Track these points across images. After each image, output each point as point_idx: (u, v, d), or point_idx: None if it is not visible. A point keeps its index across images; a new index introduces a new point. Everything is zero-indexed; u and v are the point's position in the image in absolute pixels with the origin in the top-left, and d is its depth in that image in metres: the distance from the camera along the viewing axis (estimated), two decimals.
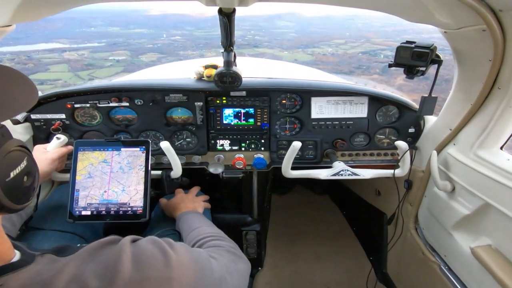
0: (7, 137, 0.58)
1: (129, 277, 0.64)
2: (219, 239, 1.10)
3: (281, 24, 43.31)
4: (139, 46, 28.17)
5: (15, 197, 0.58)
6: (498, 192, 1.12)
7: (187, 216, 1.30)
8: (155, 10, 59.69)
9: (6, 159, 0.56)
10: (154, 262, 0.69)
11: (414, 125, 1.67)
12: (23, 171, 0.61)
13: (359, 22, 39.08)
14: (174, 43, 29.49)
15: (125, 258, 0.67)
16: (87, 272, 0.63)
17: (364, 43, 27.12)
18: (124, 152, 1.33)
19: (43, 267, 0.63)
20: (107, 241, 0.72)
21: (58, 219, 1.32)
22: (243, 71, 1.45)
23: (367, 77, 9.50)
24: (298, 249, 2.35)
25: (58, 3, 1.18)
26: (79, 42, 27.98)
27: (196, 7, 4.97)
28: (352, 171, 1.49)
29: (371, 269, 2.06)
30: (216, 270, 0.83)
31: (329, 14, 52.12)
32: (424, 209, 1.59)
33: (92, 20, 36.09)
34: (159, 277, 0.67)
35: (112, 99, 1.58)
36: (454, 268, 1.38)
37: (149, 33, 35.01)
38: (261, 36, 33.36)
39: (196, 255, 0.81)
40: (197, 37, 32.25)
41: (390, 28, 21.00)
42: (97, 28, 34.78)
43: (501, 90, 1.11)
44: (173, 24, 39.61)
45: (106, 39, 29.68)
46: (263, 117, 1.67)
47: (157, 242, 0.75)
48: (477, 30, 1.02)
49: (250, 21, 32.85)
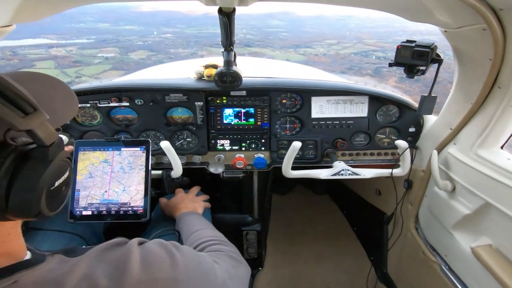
0: (61, 148, 0.61)
1: (138, 278, 0.65)
2: (220, 243, 1.10)
3: (273, 23, 42.88)
4: (129, 43, 27.41)
5: (51, 205, 0.60)
6: (498, 192, 1.12)
7: (188, 217, 1.30)
8: (146, 7, 59.01)
9: (56, 169, 0.59)
10: (161, 263, 0.70)
11: (415, 125, 1.67)
12: (65, 181, 0.64)
13: (351, 23, 38.66)
14: (164, 41, 28.83)
15: (134, 259, 0.68)
16: (98, 272, 0.64)
17: (356, 44, 26.87)
18: (124, 152, 1.33)
19: (54, 266, 0.64)
20: (115, 243, 0.73)
21: (58, 219, 1.31)
22: (243, 70, 1.45)
23: (358, 78, 9.43)
24: (298, 249, 2.35)
25: (58, 3, 1.18)
26: (67, 38, 27.10)
27: (188, 5, 4.86)
28: (352, 170, 1.49)
29: (371, 269, 2.06)
30: (219, 275, 0.84)
31: (321, 14, 51.64)
32: (425, 208, 1.59)
33: (82, 16, 35.25)
34: (166, 278, 0.68)
35: (112, 99, 1.58)
36: (455, 268, 1.38)
37: (140, 30, 34.33)
38: (253, 35, 32.77)
39: (201, 259, 0.82)
40: (188, 35, 31.72)
41: (382, 29, 20.71)
42: (87, 24, 34.08)
43: (502, 90, 1.10)
44: (164, 21, 38.96)
45: (95, 36, 28.93)
46: (263, 116, 1.67)
47: (164, 245, 0.76)
48: (477, 29, 1.02)
49: (242, 20, 32.41)
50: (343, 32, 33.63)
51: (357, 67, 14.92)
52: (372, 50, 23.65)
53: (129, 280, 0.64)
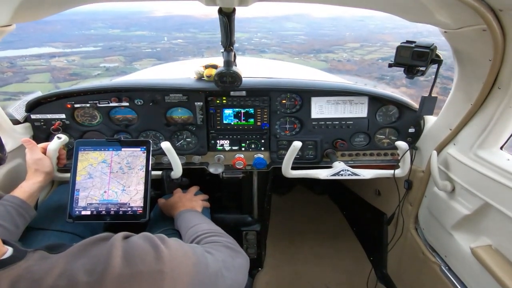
0: None
1: (119, 272, 0.64)
2: (217, 235, 1.10)
3: (289, 26, 41.68)
4: (136, 51, 26.15)
5: None
6: (498, 192, 1.12)
7: (185, 215, 1.30)
8: (160, 11, 58.23)
9: None
10: (145, 256, 0.69)
11: (414, 125, 1.67)
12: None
13: (371, 24, 37.15)
14: (174, 47, 27.54)
15: (116, 254, 0.67)
16: (77, 267, 0.64)
17: (382, 47, 24.84)
18: (123, 152, 1.33)
19: (33, 263, 0.64)
20: (99, 238, 0.73)
21: (58, 219, 1.32)
22: (243, 71, 1.45)
23: (394, 90, 7.49)
24: (298, 249, 2.35)
25: (58, 3, 1.18)
26: (74, 46, 26.23)
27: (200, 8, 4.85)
28: (352, 171, 1.49)
29: (371, 269, 2.06)
30: (211, 265, 0.83)
31: (338, 15, 50.30)
32: (424, 209, 1.59)
33: (93, 22, 34.24)
34: (151, 271, 0.67)
35: (112, 99, 1.58)
36: (454, 268, 1.38)
37: (150, 36, 33.38)
38: (269, 39, 31.31)
39: (189, 250, 0.81)
40: (200, 40, 30.70)
41: (403, 30, 19.36)
42: (97, 31, 33.29)
43: (501, 90, 1.11)
44: (176, 25, 37.97)
45: (103, 43, 28.11)
46: (263, 117, 1.67)
47: (149, 238, 0.75)
48: (477, 30, 1.02)
49: (257, 23, 31.19)
50: (364, 34, 32.03)
51: (389, 76, 13.36)
52: None
53: (110, 275, 0.63)
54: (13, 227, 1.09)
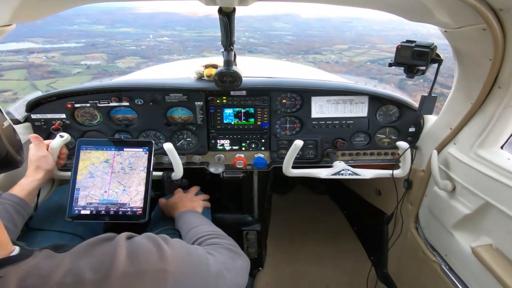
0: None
1: (124, 270, 0.66)
2: (218, 237, 1.10)
3: (277, 26, 41.07)
4: (120, 48, 25.06)
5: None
6: (498, 192, 1.12)
7: (186, 215, 1.30)
8: (145, 8, 56.90)
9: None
10: (149, 255, 0.71)
11: (415, 125, 1.67)
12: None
13: (358, 25, 36.66)
14: (159, 45, 26.47)
15: (121, 252, 0.69)
16: (83, 266, 0.65)
17: (370, 49, 24.66)
18: (126, 153, 1.33)
19: (40, 261, 0.65)
20: (103, 238, 0.74)
21: (58, 219, 1.31)
22: (243, 70, 1.45)
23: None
24: (298, 249, 2.35)
25: (58, 2, 1.18)
26: (55, 42, 24.79)
27: (188, 6, 4.68)
28: (352, 170, 1.49)
29: (371, 268, 2.06)
30: (212, 266, 0.84)
31: (326, 16, 49.84)
32: (425, 208, 1.59)
33: (76, 17, 32.05)
34: (154, 269, 0.69)
35: (112, 98, 1.58)
36: (455, 268, 1.38)
37: (136, 33, 31.77)
38: (256, 39, 30.53)
39: (192, 250, 0.83)
40: (186, 38, 29.58)
41: (391, 32, 18.86)
42: (81, 26, 31.18)
43: (502, 89, 1.10)
44: (162, 23, 36.56)
45: (86, 39, 26.17)
46: (263, 116, 1.67)
47: (152, 238, 0.77)
48: (477, 29, 1.02)
49: (245, 22, 30.60)
50: (352, 36, 31.57)
51: (378, 78, 13.18)
52: (389, 57, 22.17)
53: (115, 273, 0.65)
54: (12, 226, 1.10)
